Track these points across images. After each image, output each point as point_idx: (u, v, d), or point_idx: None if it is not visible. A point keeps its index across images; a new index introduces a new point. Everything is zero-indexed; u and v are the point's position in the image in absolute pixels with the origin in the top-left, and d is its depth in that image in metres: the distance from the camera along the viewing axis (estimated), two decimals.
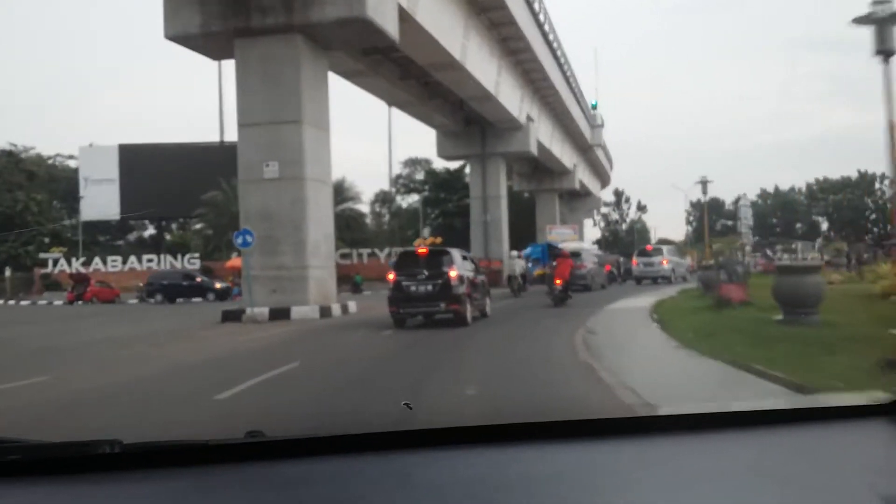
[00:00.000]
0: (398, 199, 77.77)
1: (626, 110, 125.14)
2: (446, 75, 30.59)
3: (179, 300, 38.21)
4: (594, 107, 60.77)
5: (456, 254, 16.33)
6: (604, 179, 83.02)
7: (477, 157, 42.42)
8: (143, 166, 52.56)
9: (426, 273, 15.37)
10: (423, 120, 40.10)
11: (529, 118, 41.55)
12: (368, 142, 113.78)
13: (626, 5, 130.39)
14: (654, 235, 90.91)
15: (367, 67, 28.85)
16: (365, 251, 48.62)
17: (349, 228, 48.74)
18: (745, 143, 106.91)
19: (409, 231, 65.28)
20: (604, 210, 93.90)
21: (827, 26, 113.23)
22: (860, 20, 10.73)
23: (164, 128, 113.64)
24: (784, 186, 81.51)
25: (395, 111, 46.73)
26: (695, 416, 1.76)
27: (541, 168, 59.50)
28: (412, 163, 76.88)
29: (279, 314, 19.52)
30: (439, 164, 73.11)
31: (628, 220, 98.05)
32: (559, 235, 51.03)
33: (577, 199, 77.33)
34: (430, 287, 15.24)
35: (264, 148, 20.39)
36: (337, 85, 30.56)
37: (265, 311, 19.58)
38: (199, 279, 39.97)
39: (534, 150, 42.06)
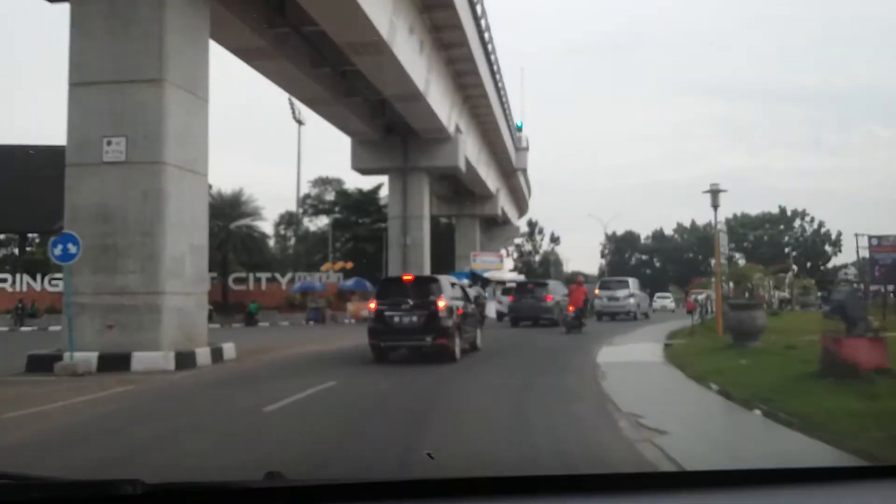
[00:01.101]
0: (306, 221, 70.94)
1: (539, 140, 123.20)
2: (369, 61, 24.54)
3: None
4: (519, 128, 56.07)
5: (444, 281, 15.01)
6: (522, 208, 78.58)
7: (397, 171, 36.43)
8: None
9: (411, 302, 14.00)
10: (338, 123, 33.81)
11: (458, 130, 35.98)
12: (276, 164, 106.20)
13: (545, 41, 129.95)
14: (568, 268, 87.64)
15: (270, 45, 22.49)
16: (264, 276, 41.57)
17: (246, 249, 41.44)
18: (650, 178, 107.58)
19: (317, 256, 58.63)
20: (517, 241, 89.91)
21: (720, 73, 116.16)
22: None
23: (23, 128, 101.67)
24: (701, 221, 79.33)
25: (305, 128, 40.14)
26: (721, 472, 1.75)
27: (462, 191, 54.17)
28: (322, 182, 70.17)
29: (114, 362, 12.91)
30: (352, 182, 67.02)
31: (541, 251, 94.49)
32: (484, 263, 45.73)
33: (497, 228, 72.49)
34: (414, 318, 13.85)
35: (106, 118, 13.77)
36: (238, 94, 24.02)
37: (92, 357, 12.85)
38: None
39: (462, 165, 36.42)
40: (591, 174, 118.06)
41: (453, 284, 15.83)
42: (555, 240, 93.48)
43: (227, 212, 41.34)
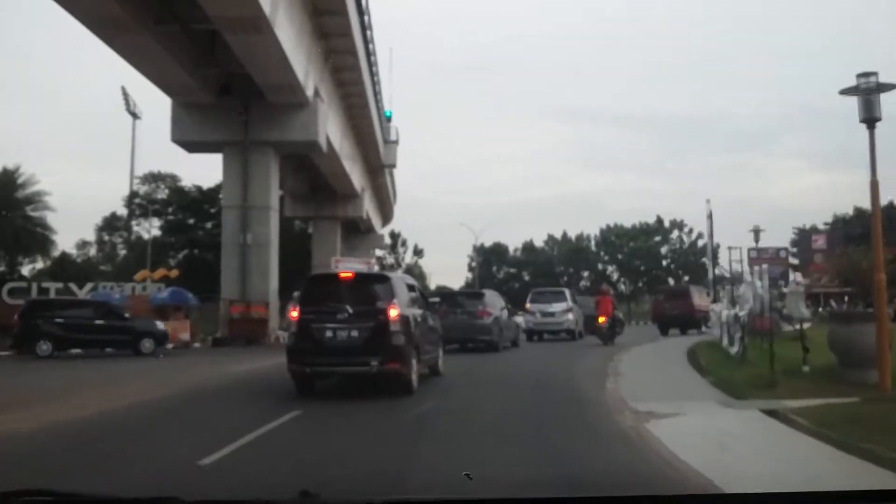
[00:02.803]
0: (134, 224, 58.90)
1: (405, 156, 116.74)
2: None
3: (76, 351, 21.35)
4: (388, 117, 47.58)
5: (398, 282, 11.04)
6: (387, 215, 70.12)
7: (236, 146, 26.78)
8: None
9: (350, 310, 10.00)
10: (150, 70, 23.79)
11: (318, 95, 26.94)
12: (108, 164, 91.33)
13: (417, 56, 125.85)
14: (432, 282, 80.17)
15: None
16: (54, 286, 30.21)
17: (22, 247, 29.83)
18: (515, 196, 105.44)
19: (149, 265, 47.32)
20: (378, 252, 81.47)
21: (578, 100, 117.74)
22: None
23: None
24: (572, 233, 74.15)
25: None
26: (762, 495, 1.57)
27: (321, 189, 44.91)
28: (153, 178, 58.14)
29: None
30: (191, 178, 56.05)
31: (404, 264, 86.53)
32: (350, 272, 36.32)
33: (358, 236, 63.45)
34: (355, 333, 9.91)
35: None
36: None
37: None
38: (125, 315, 22.17)
39: (322, 142, 27.34)
40: (456, 192, 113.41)
41: (411, 287, 11.89)
42: (418, 252, 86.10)
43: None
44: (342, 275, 11.26)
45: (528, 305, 26.15)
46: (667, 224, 67.16)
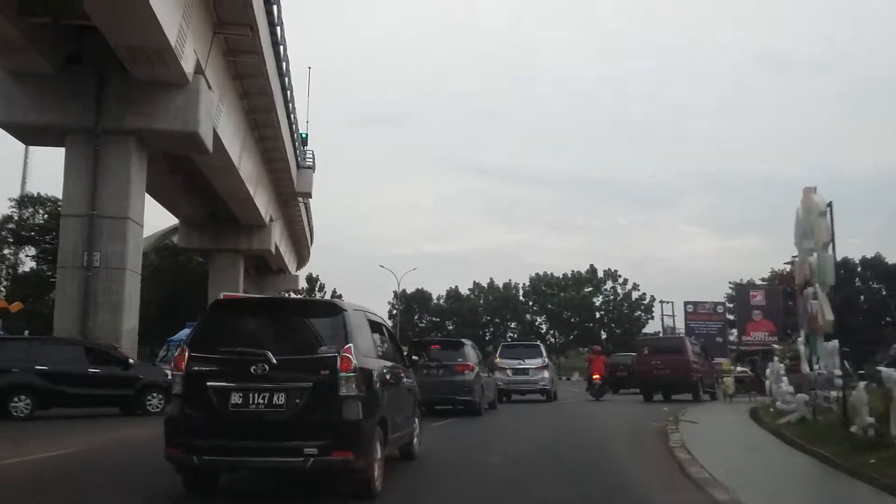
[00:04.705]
0: (8, 252, 50.24)
1: (323, 191, 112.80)
2: None
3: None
4: (304, 138, 41.03)
5: (356, 316, 6.79)
6: (303, 256, 62.88)
7: (83, 133, 19.58)
8: None
9: (273, 360, 6.07)
10: None
11: (202, 73, 20.17)
12: None
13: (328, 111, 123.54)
14: None
15: None
16: None
17: None
18: (438, 247, 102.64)
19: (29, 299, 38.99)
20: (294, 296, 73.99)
21: (485, 154, 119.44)
22: None
23: None
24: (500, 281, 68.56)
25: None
26: None
27: (222, 217, 37.75)
28: (31, 201, 49.41)
29: None
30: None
31: None
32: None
33: (269, 276, 56.02)
34: (280, 397, 6.03)
35: None
36: None
37: None
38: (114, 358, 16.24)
39: (205, 135, 20.43)
40: (378, 241, 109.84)
41: (376, 325, 7.49)
42: (337, 297, 79.03)
43: None
44: (251, 301, 8.26)
45: (497, 360, 22.39)
46: (600, 274, 62.18)
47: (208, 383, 6.10)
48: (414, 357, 10.06)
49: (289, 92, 30.62)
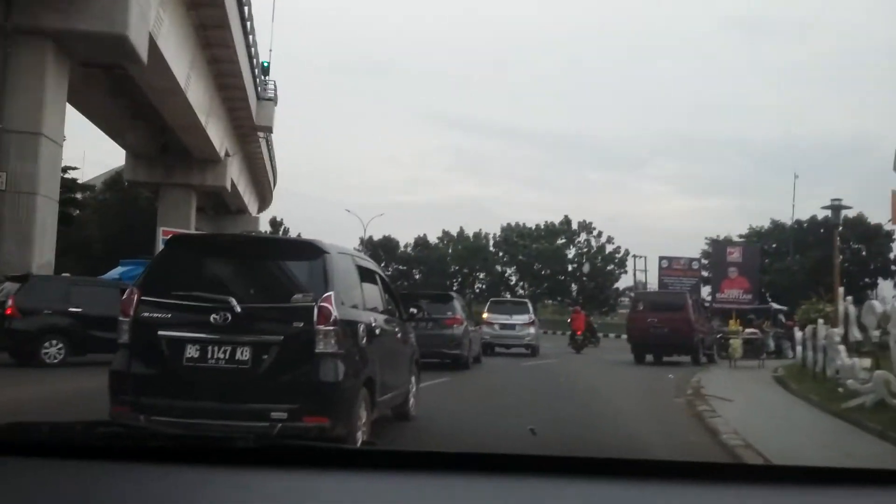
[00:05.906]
0: None
1: (290, 135, 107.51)
2: None
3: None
4: (266, 68, 37.34)
5: (339, 259, 5.98)
6: (265, 197, 59.32)
7: None
8: None
9: (237, 308, 5.43)
10: None
11: None
12: None
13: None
14: None
15: None
16: None
17: None
18: (396, 199, 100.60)
19: None
20: None
21: (458, 108, 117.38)
22: None
23: None
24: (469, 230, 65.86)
25: None
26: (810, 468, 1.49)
27: (174, 149, 34.25)
28: None
29: None
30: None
31: None
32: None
33: (228, 216, 52.57)
34: (245, 352, 5.42)
35: None
36: None
37: None
38: None
39: (137, 41, 17.05)
40: (344, 188, 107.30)
41: (365, 271, 6.78)
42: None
43: None
44: (232, 240, 7.83)
45: (485, 315, 22.57)
46: (575, 225, 59.83)
47: (160, 332, 5.51)
48: (412, 309, 8.90)
49: (247, 8, 27.06)
